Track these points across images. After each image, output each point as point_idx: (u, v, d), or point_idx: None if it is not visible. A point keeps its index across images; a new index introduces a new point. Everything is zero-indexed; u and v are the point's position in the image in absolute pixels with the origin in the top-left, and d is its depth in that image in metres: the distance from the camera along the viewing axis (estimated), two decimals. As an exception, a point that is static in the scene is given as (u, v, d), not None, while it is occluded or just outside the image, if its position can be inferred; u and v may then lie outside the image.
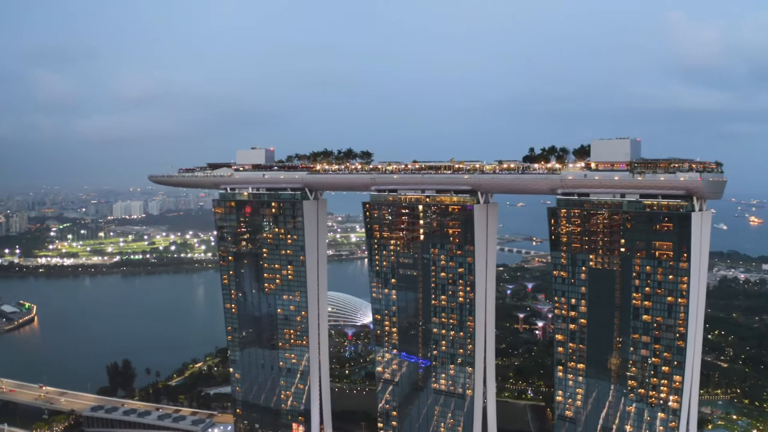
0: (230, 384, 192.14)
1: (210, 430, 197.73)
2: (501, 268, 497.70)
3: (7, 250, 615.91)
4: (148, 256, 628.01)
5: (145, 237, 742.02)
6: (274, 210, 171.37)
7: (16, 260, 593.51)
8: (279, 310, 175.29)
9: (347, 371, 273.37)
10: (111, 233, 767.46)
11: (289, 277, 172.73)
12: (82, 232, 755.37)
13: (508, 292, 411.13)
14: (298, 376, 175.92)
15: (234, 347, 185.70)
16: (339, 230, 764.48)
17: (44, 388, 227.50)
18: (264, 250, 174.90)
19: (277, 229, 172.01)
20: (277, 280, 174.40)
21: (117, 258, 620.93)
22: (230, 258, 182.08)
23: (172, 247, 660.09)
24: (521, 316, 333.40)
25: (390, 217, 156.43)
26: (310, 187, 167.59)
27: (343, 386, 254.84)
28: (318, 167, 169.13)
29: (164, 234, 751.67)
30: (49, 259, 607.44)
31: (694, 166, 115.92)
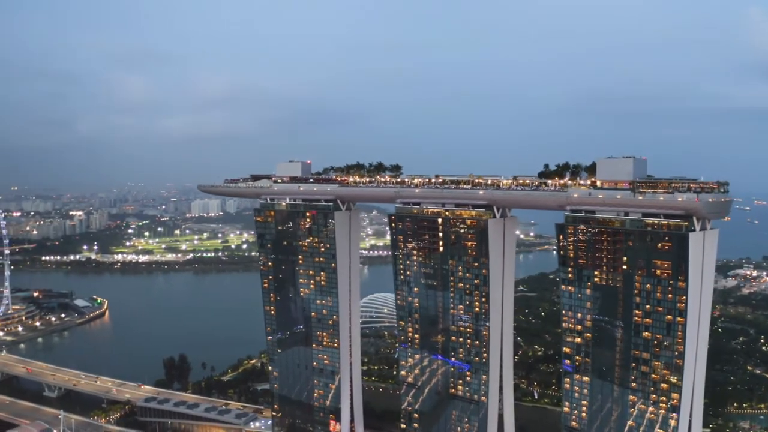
0: (269, 381, 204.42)
1: (252, 423, 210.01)
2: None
3: (85, 247, 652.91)
4: (220, 254, 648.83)
5: (219, 235, 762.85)
6: (308, 220, 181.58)
7: (93, 256, 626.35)
8: (313, 314, 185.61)
9: (395, 372, 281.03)
10: (187, 231, 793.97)
11: (322, 282, 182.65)
12: (159, 229, 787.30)
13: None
14: (330, 376, 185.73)
15: (272, 346, 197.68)
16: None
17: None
18: (299, 257, 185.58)
19: (311, 238, 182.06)
20: (311, 285, 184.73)
21: (190, 255, 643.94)
22: (270, 263, 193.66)
23: (244, 246, 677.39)
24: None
25: (413, 229, 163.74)
26: (341, 199, 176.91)
27: (388, 387, 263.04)
28: (350, 180, 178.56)
29: (238, 232, 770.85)
30: (124, 255, 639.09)
31: (693, 186, 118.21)
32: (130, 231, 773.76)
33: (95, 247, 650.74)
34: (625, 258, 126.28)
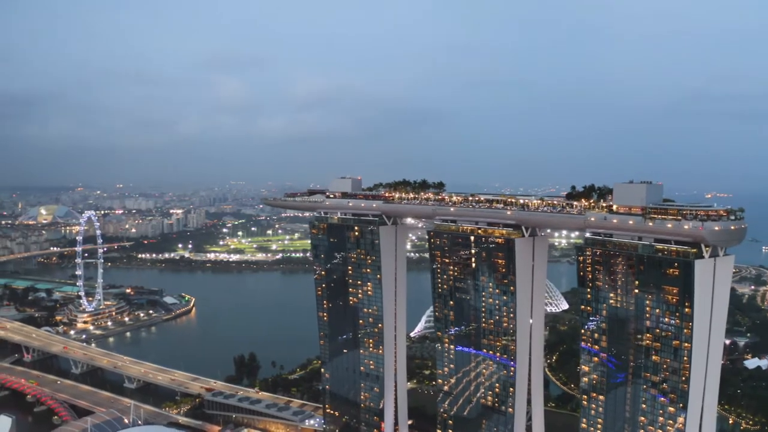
0: (321, 381, 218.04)
1: (307, 421, 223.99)
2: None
3: (180, 245, 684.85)
4: (308, 254, 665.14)
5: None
6: (356, 233, 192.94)
7: (186, 255, 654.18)
8: (360, 321, 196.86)
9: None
10: (279, 231, 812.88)
11: (369, 293, 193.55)
12: (253, 229, 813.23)
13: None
14: (376, 380, 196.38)
15: (324, 350, 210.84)
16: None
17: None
18: (349, 267, 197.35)
19: (359, 250, 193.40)
20: (359, 295, 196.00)
21: (279, 255, 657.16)
22: (323, 273, 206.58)
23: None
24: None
25: (449, 245, 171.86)
26: (386, 214, 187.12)
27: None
28: (396, 196, 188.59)
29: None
30: (216, 254, 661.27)
31: (701, 213, 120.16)
32: (224, 230, 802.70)
33: (189, 246, 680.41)
34: (637, 282, 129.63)
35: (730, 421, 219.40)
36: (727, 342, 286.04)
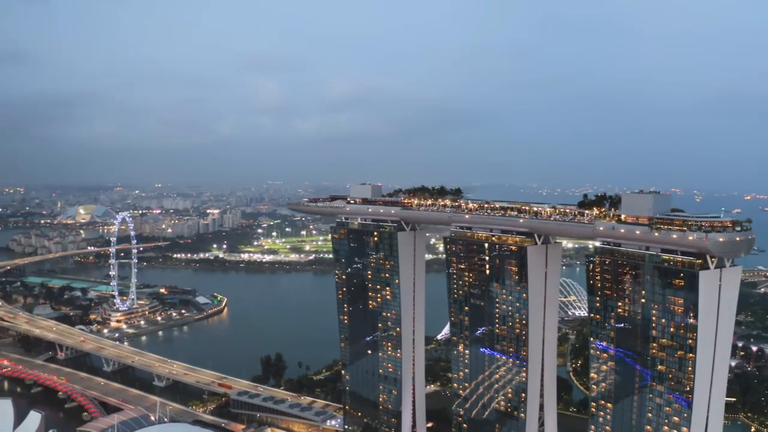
0: (342, 383, 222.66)
1: (329, 421, 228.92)
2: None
3: (215, 245, 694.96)
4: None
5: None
6: (375, 239, 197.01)
7: (221, 255, 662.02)
8: (379, 325, 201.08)
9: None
10: (314, 231, 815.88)
11: (387, 297, 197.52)
12: (288, 229, 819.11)
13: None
14: (394, 382, 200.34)
15: (345, 352, 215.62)
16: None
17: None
18: (368, 272, 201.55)
19: (378, 255, 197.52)
20: (378, 299, 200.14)
21: (312, 256, 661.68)
22: (344, 276, 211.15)
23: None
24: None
25: (464, 252, 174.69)
26: (404, 220, 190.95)
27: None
28: (414, 202, 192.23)
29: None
30: (250, 255, 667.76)
31: (705, 224, 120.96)
32: (259, 231, 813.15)
33: (224, 246, 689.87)
34: (643, 291, 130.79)
35: (753, 429, 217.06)
36: (754, 349, 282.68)
